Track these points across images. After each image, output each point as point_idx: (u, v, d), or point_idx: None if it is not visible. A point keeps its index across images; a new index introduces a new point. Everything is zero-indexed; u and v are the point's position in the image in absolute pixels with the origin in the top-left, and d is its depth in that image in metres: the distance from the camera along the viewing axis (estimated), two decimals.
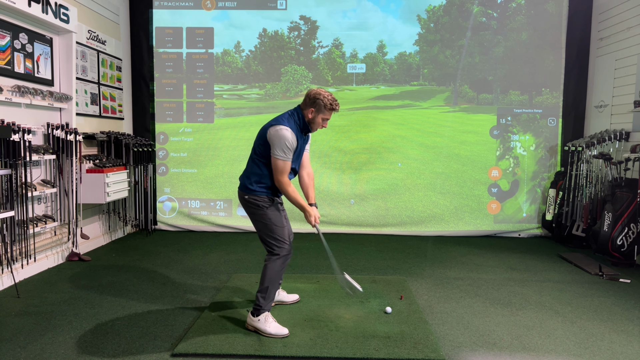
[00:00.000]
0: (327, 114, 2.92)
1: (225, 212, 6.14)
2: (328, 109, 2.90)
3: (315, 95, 2.89)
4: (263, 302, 2.93)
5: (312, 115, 2.91)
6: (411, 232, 6.02)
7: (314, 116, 2.91)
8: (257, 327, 2.91)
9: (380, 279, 4.07)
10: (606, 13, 5.55)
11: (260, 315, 2.92)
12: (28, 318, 3.12)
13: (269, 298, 2.95)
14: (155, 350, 2.68)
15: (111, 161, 5.10)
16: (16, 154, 3.74)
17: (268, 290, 2.93)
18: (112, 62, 5.59)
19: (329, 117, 2.94)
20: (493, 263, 4.70)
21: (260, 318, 2.91)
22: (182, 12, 6.07)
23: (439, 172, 6.07)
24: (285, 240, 2.97)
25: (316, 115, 2.91)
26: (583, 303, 3.54)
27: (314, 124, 2.95)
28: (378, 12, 6.08)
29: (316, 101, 2.88)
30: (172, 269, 4.34)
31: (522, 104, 6.05)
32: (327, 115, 2.92)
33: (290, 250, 3.03)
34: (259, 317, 2.91)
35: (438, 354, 2.64)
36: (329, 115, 2.93)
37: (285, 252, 2.96)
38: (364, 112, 6.13)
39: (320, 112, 2.90)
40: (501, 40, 6.00)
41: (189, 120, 6.18)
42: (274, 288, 2.97)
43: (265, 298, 2.94)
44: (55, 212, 4.44)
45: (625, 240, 4.56)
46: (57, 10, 4.25)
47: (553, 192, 5.73)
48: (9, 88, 3.85)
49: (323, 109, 2.89)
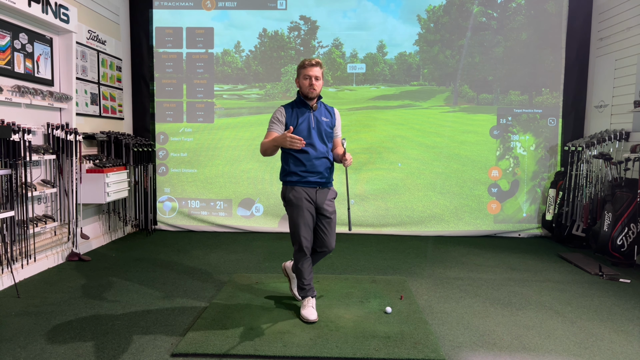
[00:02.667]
0: (302, 71, 3.08)
1: (225, 212, 6.14)
2: (301, 66, 3.08)
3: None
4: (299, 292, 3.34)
5: (297, 82, 3.14)
6: (411, 232, 6.02)
7: (298, 81, 3.13)
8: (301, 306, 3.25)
9: (380, 279, 4.07)
10: (606, 13, 5.55)
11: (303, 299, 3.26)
12: (28, 318, 3.12)
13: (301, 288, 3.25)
14: (155, 350, 2.68)
15: (111, 161, 5.10)
16: (16, 154, 3.74)
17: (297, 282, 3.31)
18: (112, 62, 5.59)
19: (307, 72, 3.05)
20: (493, 263, 4.70)
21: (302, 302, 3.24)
22: (182, 12, 6.07)
23: (439, 172, 6.07)
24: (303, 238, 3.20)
25: (298, 79, 3.12)
26: (583, 303, 3.54)
27: (302, 88, 3.10)
28: (378, 12, 6.08)
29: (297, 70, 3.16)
30: (172, 269, 4.34)
31: (522, 104, 6.05)
32: (304, 71, 3.06)
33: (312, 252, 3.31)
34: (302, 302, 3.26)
35: (438, 354, 2.64)
36: (306, 71, 3.05)
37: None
38: (364, 112, 6.13)
39: (299, 75, 3.11)
40: (501, 40, 6.00)
41: (189, 120, 6.18)
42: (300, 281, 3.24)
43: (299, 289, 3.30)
44: (55, 212, 4.45)
45: (625, 240, 4.56)
46: (57, 10, 4.25)
47: (553, 192, 5.73)
48: (9, 88, 3.85)
49: (298, 69, 3.12)
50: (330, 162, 3.18)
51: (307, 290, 3.20)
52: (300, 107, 3.11)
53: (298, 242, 3.12)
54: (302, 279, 3.20)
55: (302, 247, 3.11)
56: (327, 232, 3.17)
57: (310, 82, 3.03)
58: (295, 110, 3.10)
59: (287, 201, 3.14)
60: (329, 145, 3.19)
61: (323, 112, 3.17)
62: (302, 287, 3.22)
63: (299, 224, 3.09)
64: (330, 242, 3.20)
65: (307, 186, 3.10)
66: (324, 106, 3.22)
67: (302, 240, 3.10)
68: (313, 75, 3.03)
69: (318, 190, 3.11)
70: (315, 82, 3.04)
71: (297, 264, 3.20)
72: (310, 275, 3.22)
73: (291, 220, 3.14)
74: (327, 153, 3.15)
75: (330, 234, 3.18)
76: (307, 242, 3.12)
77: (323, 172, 3.11)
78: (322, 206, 3.12)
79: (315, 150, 3.08)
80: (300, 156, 3.06)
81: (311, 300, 3.18)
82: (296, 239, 3.12)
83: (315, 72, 3.04)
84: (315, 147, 3.08)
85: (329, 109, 3.24)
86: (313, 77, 3.03)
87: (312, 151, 3.06)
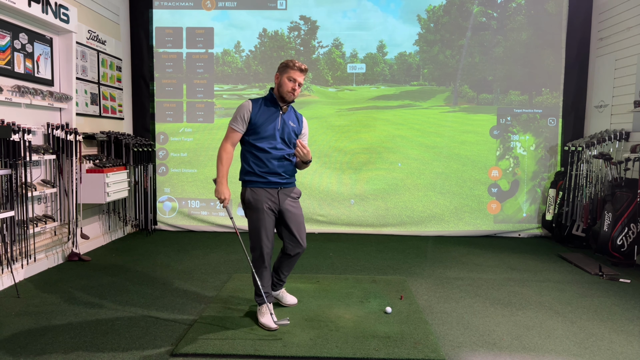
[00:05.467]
0: (289, 71, 2.91)
1: (225, 212, 6.14)
2: (289, 67, 2.92)
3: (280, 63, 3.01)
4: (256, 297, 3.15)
5: (278, 79, 2.96)
6: (411, 232, 6.02)
7: (279, 79, 2.95)
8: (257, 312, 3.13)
9: (380, 279, 4.07)
10: (606, 13, 5.55)
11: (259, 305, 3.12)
12: (28, 318, 3.12)
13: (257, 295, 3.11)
14: (155, 350, 2.68)
15: (111, 161, 5.10)
16: (16, 154, 3.74)
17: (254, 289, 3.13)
18: (112, 62, 5.59)
19: (293, 75, 2.91)
20: (493, 263, 4.70)
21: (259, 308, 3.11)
22: (182, 12, 6.07)
23: (439, 172, 6.07)
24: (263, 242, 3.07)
25: (281, 77, 2.95)
26: (583, 303, 3.54)
27: (282, 87, 2.93)
28: (378, 12, 6.08)
29: (280, 66, 2.98)
30: (172, 269, 4.34)
31: (522, 104, 6.05)
32: (291, 73, 2.91)
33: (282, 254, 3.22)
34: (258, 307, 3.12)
35: (438, 354, 2.64)
36: (292, 74, 2.91)
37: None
38: (364, 112, 6.12)
39: (283, 73, 2.94)
40: (501, 40, 6.00)
41: (189, 120, 6.18)
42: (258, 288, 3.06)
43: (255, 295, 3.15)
44: (55, 212, 4.44)
45: (625, 240, 4.56)
46: (57, 10, 4.25)
47: (553, 192, 5.73)
48: (9, 88, 3.85)
49: (285, 68, 2.94)
50: (292, 163, 3.07)
51: (264, 297, 3.01)
52: (269, 106, 2.98)
53: (259, 248, 2.96)
54: (262, 285, 3.02)
55: (263, 253, 2.98)
56: (295, 230, 3.05)
57: (294, 87, 2.92)
58: (262, 107, 2.96)
59: (246, 204, 2.98)
60: (291, 149, 3.06)
61: (292, 116, 3.06)
62: (259, 293, 3.04)
63: (259, 228, 2.94)
64: (303, 240, 3.09)
65: (269, 187, 2.97)
66: (294, 111, 3.13)
67: (263, 247, 2.96)
68: (299, 80, 2.93)
69: (280, 191, 3.01)
70: (297, 88, 2.94)
71: (257, 270, 3.01)
72: (268, 282, 3.10)
73: (251, 224, 2.98)
74: (290, 156, 3.04)
75: (301, 231, 3.08)
76: (267, 249, 2.99)
77: (284, 173, 3.00)
78: (285, 206, 3.01)
79: (277, 150, 2.97)
80: (261, 155, 2.95)
81: (269, 306, 3.00)
82: (256, 245, 2.97)
83: (301, 79, 2.94)
84: (277, 148, 2.97)
85: (297, 115, 3.14)
86: (297, 83, 2.93)
87: (274, 152, 2.95)
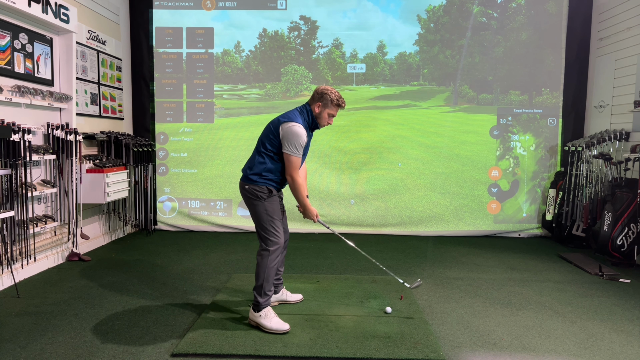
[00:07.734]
0: (332, 109, 3.03)
1: (225, 212, 6.14)
2: (334, 104, 3.02)
3: (322, 90, 3.03)
4: (260, 299, 2.96)
5: (319, 109, 3.03)
6: (411, 232, 6.02)
7: (320, 111, 3.03)
8: (259, 322, 2.95)
9: (380, 279, 4.07)
10: (606, 13, 5.55)
11: (261, 310, 2.95)
12: (28, 318, 3.12)
13: (265, 294, 2.98)
14: (155, 350, 2.68)
15: (111, 161, 5.10)
16: (16, 154, 3.74)
17: (263, 288, 2.96)
18: (112, 62, 5.59)
19: (334, 113, 3.06)
20: (493, 263, 4.70)
21: (262, 313, 2.95)
22: (182, 12, 6.07)
23: (439, 172, 6.07)
24: (278, 233, 2.99)
25: (323, 110, 3.03)
26: (583, 303, 3.54)
27: (320, 119, 3.05)
28: (378, 12, 6.08)
29: (323, 96, 3.01)
30: (172, 269, 4.34)
31: (522, 104, 6.05)
32: (333, 110, 3.04)
33: (284, 247, 3.11)
34: (259, 313, 2.95)
35: (438, 354, 2.64)
36: (334, 111, 3.05)
37: (276, 246, 2.98)
38: (364, 112, 6.12)
39: (326, 107, 3.02)
40: (501, 40, 6.00)
41: (189, 120, 6.18)
42: (268, 284, 2.98)
43: (262, 295, 2.97)
44: (55, 212, 4.44)
45: (625, 240, 4.56)
46: (57, 10, 4.25)
47: (553, 192, 5.73)
48: (9, 88, 3.85)
49: (330, 103, 3.01)
50: None
51: (267, 299, 2.98)
52: (308, 130, 3.06)
53: (277, 239, 2.98)
54: (270, 282, 2.98)
55: (280, 246, 3.01)
56: (285, 222, 3.26)
57: (330, 122, 3.10)
58: (308, 133, 3.05)
59: (257, 197, 2.97)
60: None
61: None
62: (267, 293, 2.98)
63: (277, 213, 3.03)
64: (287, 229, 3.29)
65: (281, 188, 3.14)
66: None
67: (280, 238, 3.02)
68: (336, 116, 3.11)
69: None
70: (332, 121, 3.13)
71: (272, 263, 2.97)
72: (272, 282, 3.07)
73: (266, 212, 2.97)
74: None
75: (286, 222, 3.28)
76: (282, 241, 3.06)
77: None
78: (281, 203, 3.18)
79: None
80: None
81: (272, 309, 3.01)
82: (274, 237, 2.98)
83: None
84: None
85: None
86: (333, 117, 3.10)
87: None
